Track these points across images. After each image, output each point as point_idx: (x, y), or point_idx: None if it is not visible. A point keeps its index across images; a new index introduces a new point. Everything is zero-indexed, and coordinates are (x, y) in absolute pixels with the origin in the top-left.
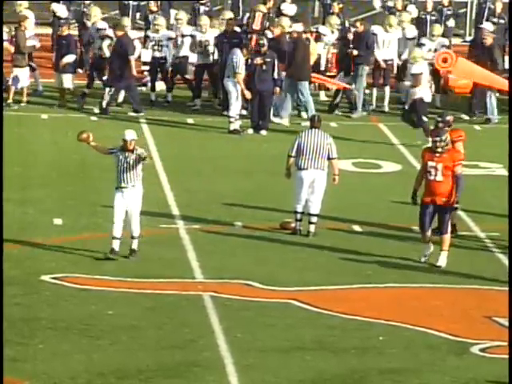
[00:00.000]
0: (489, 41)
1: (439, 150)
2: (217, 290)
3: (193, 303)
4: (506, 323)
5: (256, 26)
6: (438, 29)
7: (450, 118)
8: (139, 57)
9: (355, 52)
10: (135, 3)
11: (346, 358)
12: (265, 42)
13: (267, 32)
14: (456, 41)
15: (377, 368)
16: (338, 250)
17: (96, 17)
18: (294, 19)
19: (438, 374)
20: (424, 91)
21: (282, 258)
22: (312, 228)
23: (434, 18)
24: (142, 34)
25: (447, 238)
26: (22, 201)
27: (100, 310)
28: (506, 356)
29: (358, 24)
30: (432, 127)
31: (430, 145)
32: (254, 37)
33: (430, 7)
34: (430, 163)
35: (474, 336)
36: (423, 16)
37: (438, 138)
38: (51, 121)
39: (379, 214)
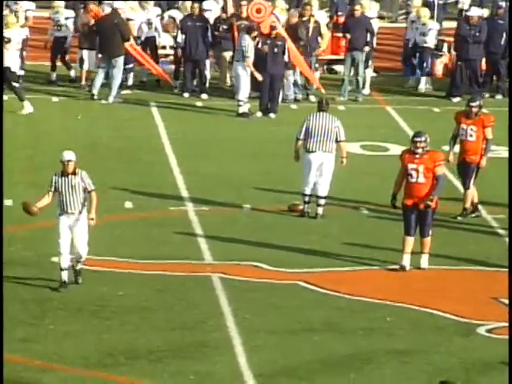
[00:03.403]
0: (293, 20)
1: (419, 150)
2: (225, 271)
3: (202, 284)
4: None
5: (230, 10)
6: (423, 11)
7: (480, 101)
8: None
9: (348, 36)
10: None
11: (354, 338)
12: (277, 25)
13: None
14: None
15: (384, 349)
16: (346, 231)
17: None
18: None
19: (445, 355)
20: (12, 60)
21: (290, 240)
22: (320, 210)
23: (441, 2)
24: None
25: (428, 240)
26: (33, 183)
27: (110, 291)
28: None
29: (356, 7)
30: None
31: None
32: (235, 22)
33: None
34: (411, 165)
35: (481, 317)
36: (431, 0)
37: (418, 139)
38: (62, 104)
39: (387, 196)
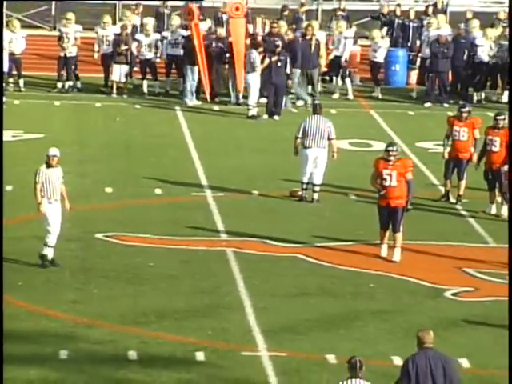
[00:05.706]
0: None
1: (391, 158)
2: (238, 246)
3: (218, 257)
4: (474, 273)
5: (257, 30)
6: (375, 32)
7: (469, 107)
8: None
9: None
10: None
11: (343, 301)
12: (280, 43)
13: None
14: None
15: (368, 309)
16: (337, 213)
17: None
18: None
19: (418, 314)
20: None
21: (290, 220)
22: (315, 196)
23: (415, 24)
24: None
25: (399, 236)
26: (79, 173)
27: (143, 262)
28: (473, 299)
29: (289, 32)
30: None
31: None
32: (259, 38)
33: (412, 15)
34: (386, 171)
35: (447, 283)
36: (406, 23)
37: (391, 148)
38: (103, 108)
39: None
